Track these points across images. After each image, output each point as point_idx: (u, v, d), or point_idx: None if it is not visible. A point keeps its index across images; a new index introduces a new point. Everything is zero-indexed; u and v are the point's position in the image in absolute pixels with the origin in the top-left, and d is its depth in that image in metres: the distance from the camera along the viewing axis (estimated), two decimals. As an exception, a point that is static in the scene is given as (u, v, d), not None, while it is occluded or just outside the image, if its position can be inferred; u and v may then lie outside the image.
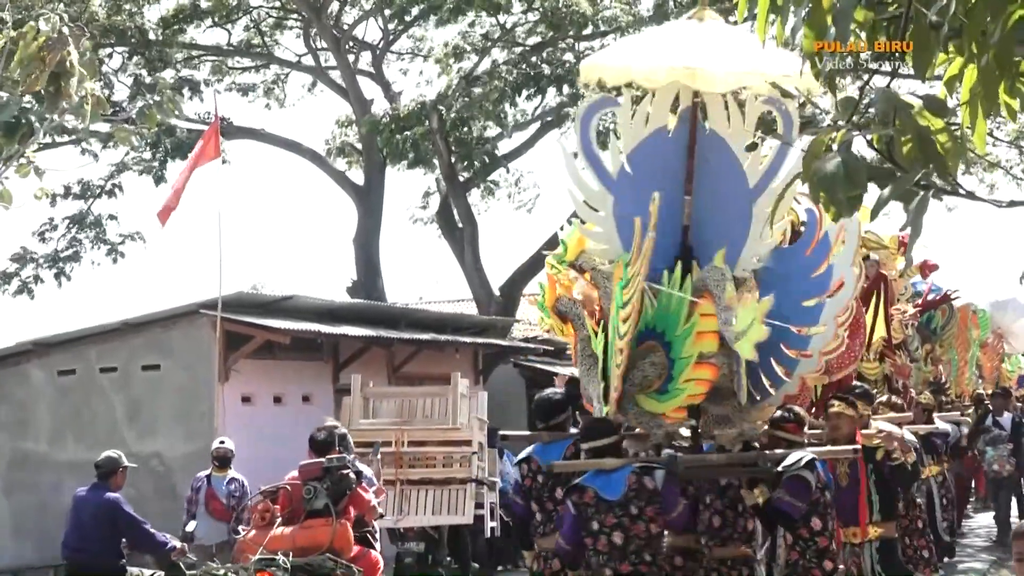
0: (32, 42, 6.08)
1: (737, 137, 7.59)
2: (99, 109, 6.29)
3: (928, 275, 15.20)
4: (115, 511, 10.63)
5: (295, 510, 9.06)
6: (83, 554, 10.64)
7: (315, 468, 9.13)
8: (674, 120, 7.64)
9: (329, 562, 8.67)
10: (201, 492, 12.96)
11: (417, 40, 30.42)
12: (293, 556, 8.54)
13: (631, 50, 8.09)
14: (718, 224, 7.60)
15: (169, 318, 16.66)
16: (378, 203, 28.30)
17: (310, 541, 8.74)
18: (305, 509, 8.96)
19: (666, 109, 7.66)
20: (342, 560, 8.77)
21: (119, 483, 11.21)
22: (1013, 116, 3.59)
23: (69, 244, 26.14)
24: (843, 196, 3.20)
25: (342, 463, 9.11)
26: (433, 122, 23.51)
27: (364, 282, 27.06)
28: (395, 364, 19.03)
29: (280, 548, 8.61)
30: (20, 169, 6.82)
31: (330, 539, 8.73)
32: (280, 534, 8.81)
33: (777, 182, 7.46)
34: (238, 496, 12.64)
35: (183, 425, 16.02)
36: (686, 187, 7.58)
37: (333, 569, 8.67)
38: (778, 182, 7.44)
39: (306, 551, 8.65)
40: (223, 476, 13.06)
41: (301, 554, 8.60)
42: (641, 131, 7.61)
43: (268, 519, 9.00)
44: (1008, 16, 3.13)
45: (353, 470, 9.23)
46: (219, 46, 29.03)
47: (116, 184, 26.16)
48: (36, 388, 17.42)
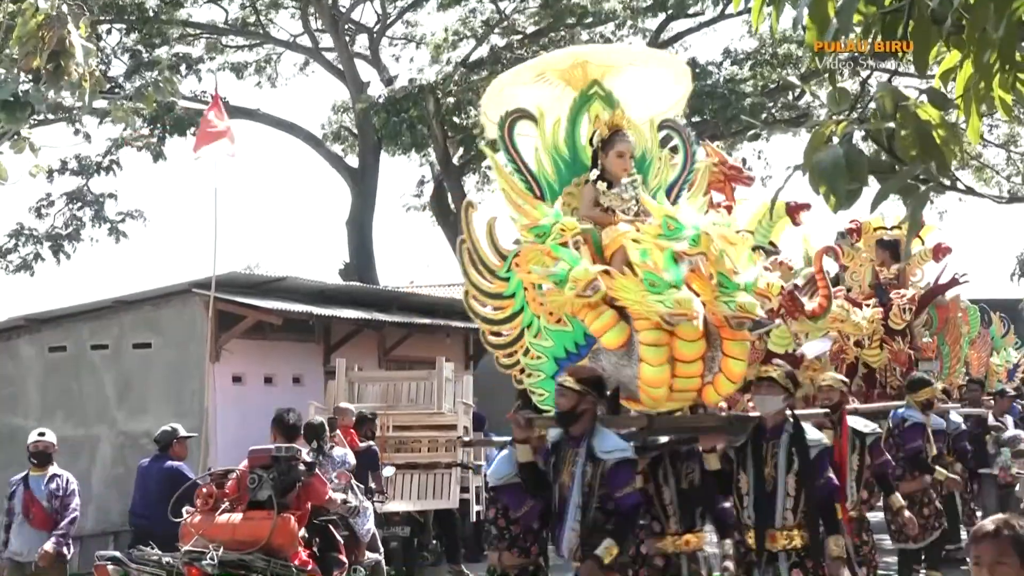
0: (31, 19, 6.06)
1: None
2: (98, 87, 6.28)
3: (942, 258, 15.01)
4: (178, 478, 10.70)
5: (242, 497, 8.54)
6: (149, 520, 10.68)
7: (264, 456, 8.62)
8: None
9: (260, 562, 8.16)
10: (17, 498, 10.54)
11: (412, 25, 30.40)
12: (232, 548, 8.12)
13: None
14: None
15: (161, 296, 16.65)
16: (372, 186, 28.30)
17: (249, 534, 8.23)
18: (249, 499, 8.46)
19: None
20: (277, 559, 8.28)
21: (179, 452, 11.45)
22: (1008, 111, 3.61)
23: (68, 221, 26.07)
24: (843, 188, 3.21)
25: (291, 453, 8.60)
26: (429, 105, 23.49)
27: (356, 265, 27.06)
28: (386, 347, 19.05)
29: (220, 537, 8.18)
30: (16, 145, 6.81)
31: (268, 534, 8.21)
32: (224, 522, 8.34)
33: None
34: (61, 496, 10.51)
35: (173, 404, 16.00)
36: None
37: (264, 569, 8.19)
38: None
39: (245, 544, 8.19)
40: (42, 475, 10.57)
41: (239, 547, 8.17)
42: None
43: (211, 504, 8.49)
44: (1013, 12, 3.14)
45: (306, 461, 8.81)
46: (214, 24, 28.98)
47: (114, 160, 26.07)
48: (26, 364, 17.40)
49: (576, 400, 7.19)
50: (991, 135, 24.85)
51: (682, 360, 7.20)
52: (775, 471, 7.27)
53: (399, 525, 14.38)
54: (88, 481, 16.69)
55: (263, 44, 30.15)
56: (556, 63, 8.55)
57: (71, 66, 5.98)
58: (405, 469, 14.47)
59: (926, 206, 3.24)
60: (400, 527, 14.39)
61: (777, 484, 7.24)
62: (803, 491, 7.23)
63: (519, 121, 8.25)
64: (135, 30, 26.25)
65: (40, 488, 10.47)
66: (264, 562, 8.17)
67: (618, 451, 7.14)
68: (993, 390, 21.63)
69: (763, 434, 7.39)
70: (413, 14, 29.54)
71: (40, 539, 10.36)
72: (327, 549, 9.98)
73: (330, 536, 10.11)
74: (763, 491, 7.31)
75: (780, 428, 7.35)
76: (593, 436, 7.20)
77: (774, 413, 7.36)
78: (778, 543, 7.24)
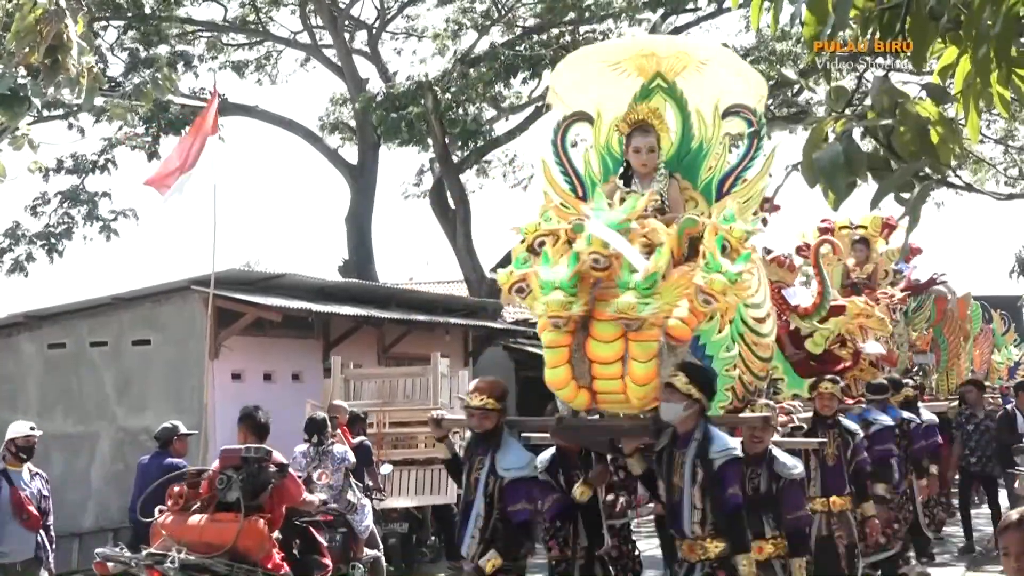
0: (29, 14, 6.05)
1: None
2: (96, 84, 6.28)
3: (911, 259, 15.15)
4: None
5: (213, 498, 8.26)
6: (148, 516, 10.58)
7: (234, 456, 8.27)
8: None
9: (222, 566, 7.88)
10: (3, 495, 9.80)
11: (412, 20, 30.41)
12: (199, 551, 7.90)
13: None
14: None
15: (160, 293, 16.66)
16: (371, 182, 28.29)
17: (216, 537, 7.96)
18: (217, 500, 8.16)
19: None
20: (244, 563, 7.98)
21: (179, 449, 11.41)
22: (1007, 107, 3.61)
23: (61, 220, 26.04)
24: (843, 185, 3.21)
25: (261, 454, 8.23)
26: (428, 101, 23.49)
27: (356, 262, 27.05)
28: (385, 344, 19.05)
29: (188, 539, 7.96)
30: (15, 142, 6.81)
31: (234, 538, 7.90)
32: (194, 523, 8.08)
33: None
34: (48, 495, 10.13)
35: (173, 401, 16.01)
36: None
37: (228, 574, 7.89)
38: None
39: (212, 547, 7.94)
40: (19, 471, 9.94)
41: (206, 549, 7.93)
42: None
43: (182, 504, 8.22)
44: (1009, 8, 3.14)
45: (278, 462, 8.42)
46: (214, 22, 28.97)
47: (109, 159, 26.04)
48: (26, 361, 17.41)
49: (497, 419, 7.45)
50: (989, 131, 24.85)
51: (597, 361, 6.93)
52: (681, 481, 6.95)
53: (397, 521, 14.40)
54: (87, 478, 16.72)
55: (263, 42, 30.14)
56: (626, 51, 8.44)
57: (68, 61, 5.98)
58: (402, 465, 14.50)
59: (924, 202, 3.24)
60: (398, 523, 14.41)
61: (683, 495, 6.92)
62: (705, 502, 6.91)
63: (575, 124, 8.40)
64: (133, 27, 26.21)
65: (25, 486, 9.94)
66: (227, 567, 7.90)
67: (515, 469, 7.31)
68: (994, 384, 21.67)
69: (675, 442, 7.06)
70: (413, 8, 29.56)
71: (29, 538, 9.89)
72: (308, 552, 9.82)
73: (311, 538, 9.95)
74: (672, 501, 7.04)
75: (689, 437, 6.95)
76: (498, 450, 7.39)
77: (679, 421, 6.94)
78: (694, 554, 6.95)
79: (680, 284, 6.79)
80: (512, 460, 7.35)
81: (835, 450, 9.90)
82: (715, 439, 6.90)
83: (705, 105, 8.12)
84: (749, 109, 8.07)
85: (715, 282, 6.78)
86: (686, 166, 8.13)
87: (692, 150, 8.13)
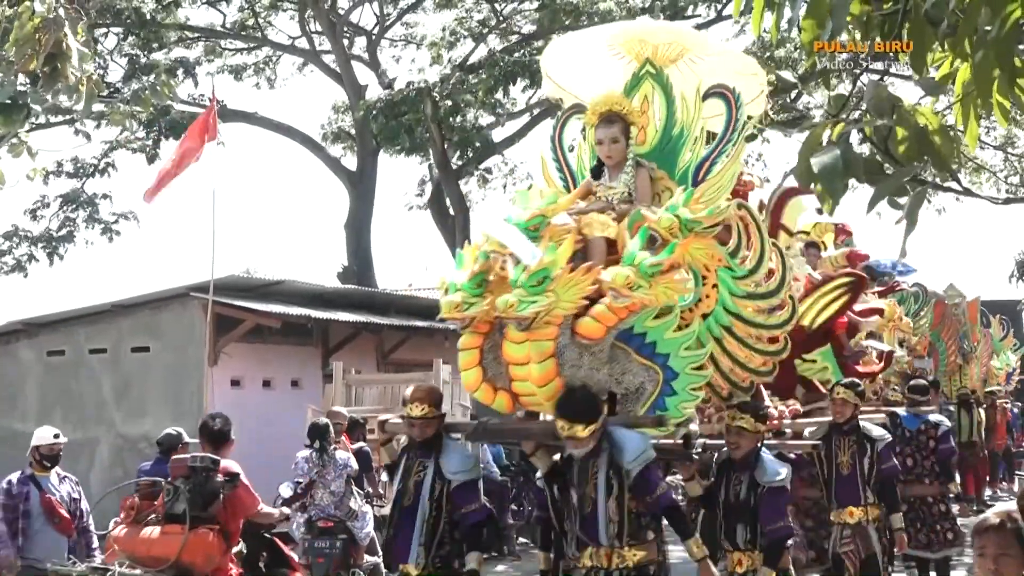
0: (27, 23, 6.06)
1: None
2: (96, 91, 6.28)
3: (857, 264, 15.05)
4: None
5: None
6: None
7: (182, 466, 8.01)
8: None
9: None
10: (33, 501, 9.66)
11: (411, 27, 30.45)
12: (148, 565, 7.69)
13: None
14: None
15: (160, 300, 16.66)
16: (370, 189, 28.32)
17: (162, 550, 7.70)
18: (166, 512, 7.89)
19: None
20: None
21: None
22: (1006, 116, 3.61)
23: (62, 223, 26.07)
24: (840, 188, 3.22)
25: (207, 463, 7.95)
26: (427, 108, 23.51)
27: (355, 268, 27.07)
28: (384, 350, 19.05)
29: (138, 552, 7.76)
30: (13, 149, 6.81)
31: (178, 551, 7.63)
32: (146, 536, 7.83)
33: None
34: (78, 499, 9.99)
35: (172, 407, 16.01)
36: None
37: None
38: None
39: (159, 561, 7.71)
40: (46, 476, 9.87)
41: (154, 564, 7.69)
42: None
43: (134, 516, 8.00)
44: (1008, 15, 3.15)
45: (230, 471, 8.12)
46: (212, 27, 29.02)
47: (109, 163, 26.08)
48: (25, 367, 17.42)
49: (437, 426, 7.24)
50: (988, 136, 24.86)
51: (510, 362, 6.67)
52: (594, 492, 6.65)
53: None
54: (87, 484, 16.63)
55: (261, 47, 30.18)
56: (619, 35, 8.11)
57: (68, 69, 5.99)
58: (403, 472, 14.45)
59: (921, 205, 3.25)
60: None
61: (597, 506, 6.64)
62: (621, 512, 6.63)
63: (574, 117, 8.12)
64: (132, 34, 26.24)
65: (54, 489, 9.82)
66: None
67: (462, 472, 7.13)
68: (991, 389, 21.64)
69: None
70: (412, 15, 29.60)
71: (61, 542, 9.71)
72: (276, 565, 9.64)
73: (278, 551, 9.71)
74: (583, 511, 6.72)
75: (598, 449, 6.64)
76: (441, 454, 7.19)
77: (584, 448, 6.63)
78: (610, 562, 6.68)
79: (580, 281, 6.47)
80: (457, 463, 7.16)
81: (849, 458, 9.31)
82: (625, 447, 6.62)
83: (690, 91, 7.73)
84: (729, 89, 7.62)
85: (618, 276, 6.48)
86: (666, 155, 7.75)
87: (673, 138, 7.75)
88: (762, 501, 7.52)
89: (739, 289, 7.19)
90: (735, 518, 7.58)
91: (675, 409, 6.79)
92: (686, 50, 8.00)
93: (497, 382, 6.83)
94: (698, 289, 7.12)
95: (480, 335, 6.75)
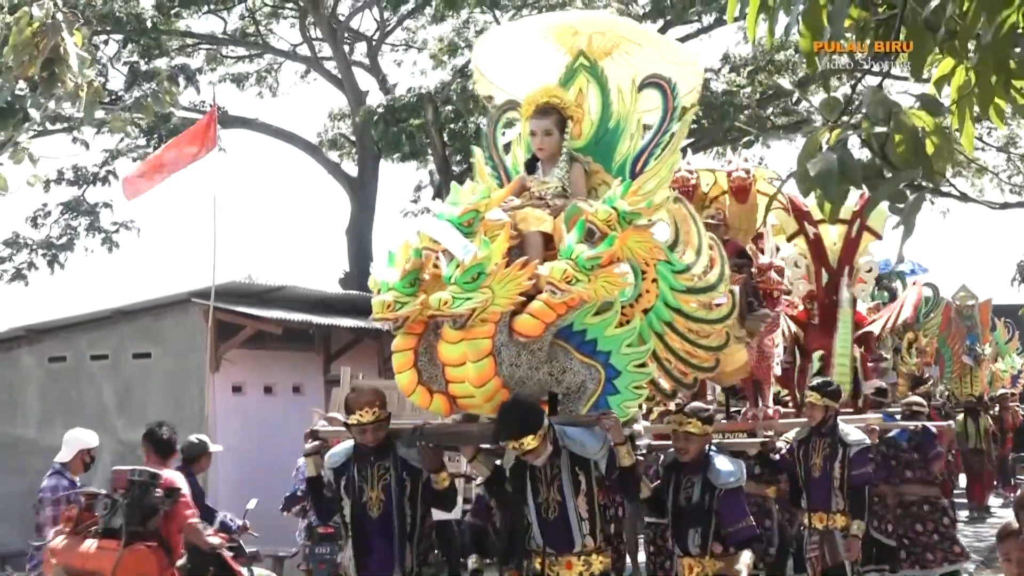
0: (26, 27, 6.06)
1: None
2: (96, 97, 6.28)
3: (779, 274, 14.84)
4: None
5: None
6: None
7: (122, 478, 7.69)
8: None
9: None
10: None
11: (412, 32, 30.46)
12: None
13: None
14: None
15: (161, 306, 16.64)
16: (371, 195, 28.32)
17: (97, 565, 7.41)
18: (104, 526, 7.58)
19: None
20: None
21: (203, 467, 10.88)
22: (1002, 118, 3.61)
23: (63, 231, 26.08)
24: (838, 194, 3.22)
25: (145, 477, 7.65)
26: (428, 114, 23.52)
27: (356, 273, 27.06)
28: (386, 356, 18.94)
29: (75, 566, 7.49)
30: (14, 155, 6.82)
31: (112, 568, 7.32)
32: (85, 549, 7.55)
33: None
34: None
35: (173, 414, 15.94)
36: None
37: None
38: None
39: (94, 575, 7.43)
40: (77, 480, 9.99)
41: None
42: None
43: (72, 528, 7.70)
44: (1004, 20, 3.15)
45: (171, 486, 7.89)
46: (213, 34, 29.03)
47: (110, 171, 26.10)
48: (26, 374, 17.41)
49: (386, 428, 7.01)
50: (990, 138, 24.85)
51: (446, 363, 6.51)
52: (560, 494, 6.46)
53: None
54: (88, 491, 16.70)
55: (262, 54, 30.20)
56: (549, 27, 7.93)
57: (66, 74, 5.99)
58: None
59: (919, 211, 3.25)
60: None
61: (566, 507, 6.45)
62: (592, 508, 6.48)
63: (508, 112, 8.02)
64: (133, 41, 26.25)
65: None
66: None
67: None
68: (996, 393, 21.63)
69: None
70: (413, 20, 29.59)
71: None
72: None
73: (225, 566, 9.34)
74: (548, 517, 6.50)
75: (557, 448, 6.45)
76: (396, 448, 6.95)
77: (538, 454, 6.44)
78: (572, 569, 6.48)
79: (517, 276, 6.31)
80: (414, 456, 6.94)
81: (821, 461, 9.07)
82: (586, 441, 6.46)
83: (626, 83, 7.57)
84: (665, 79, 7.45)
85: (555, 270, 6.30)
86: (602, 148, 7.57)
87: (609, 131, 7.54)
88: (721, 504, 7.40)
89: (679, 284, 7.02)
90: (686, 522, 7.44)
91: (618, 408, 6.64)
92: (621, 40, 7.83)
93: (433, 384, 6.65)
94: (638, 284, 6.95)
95: (414, 336, 6.56)
